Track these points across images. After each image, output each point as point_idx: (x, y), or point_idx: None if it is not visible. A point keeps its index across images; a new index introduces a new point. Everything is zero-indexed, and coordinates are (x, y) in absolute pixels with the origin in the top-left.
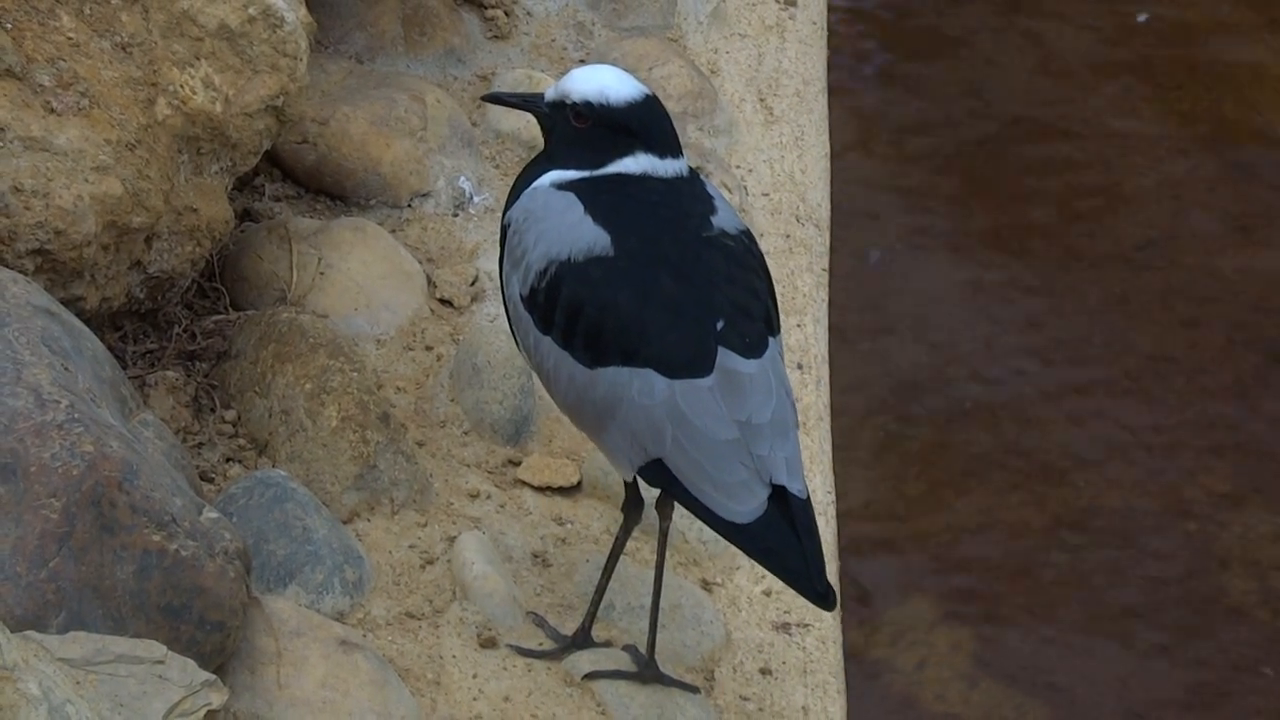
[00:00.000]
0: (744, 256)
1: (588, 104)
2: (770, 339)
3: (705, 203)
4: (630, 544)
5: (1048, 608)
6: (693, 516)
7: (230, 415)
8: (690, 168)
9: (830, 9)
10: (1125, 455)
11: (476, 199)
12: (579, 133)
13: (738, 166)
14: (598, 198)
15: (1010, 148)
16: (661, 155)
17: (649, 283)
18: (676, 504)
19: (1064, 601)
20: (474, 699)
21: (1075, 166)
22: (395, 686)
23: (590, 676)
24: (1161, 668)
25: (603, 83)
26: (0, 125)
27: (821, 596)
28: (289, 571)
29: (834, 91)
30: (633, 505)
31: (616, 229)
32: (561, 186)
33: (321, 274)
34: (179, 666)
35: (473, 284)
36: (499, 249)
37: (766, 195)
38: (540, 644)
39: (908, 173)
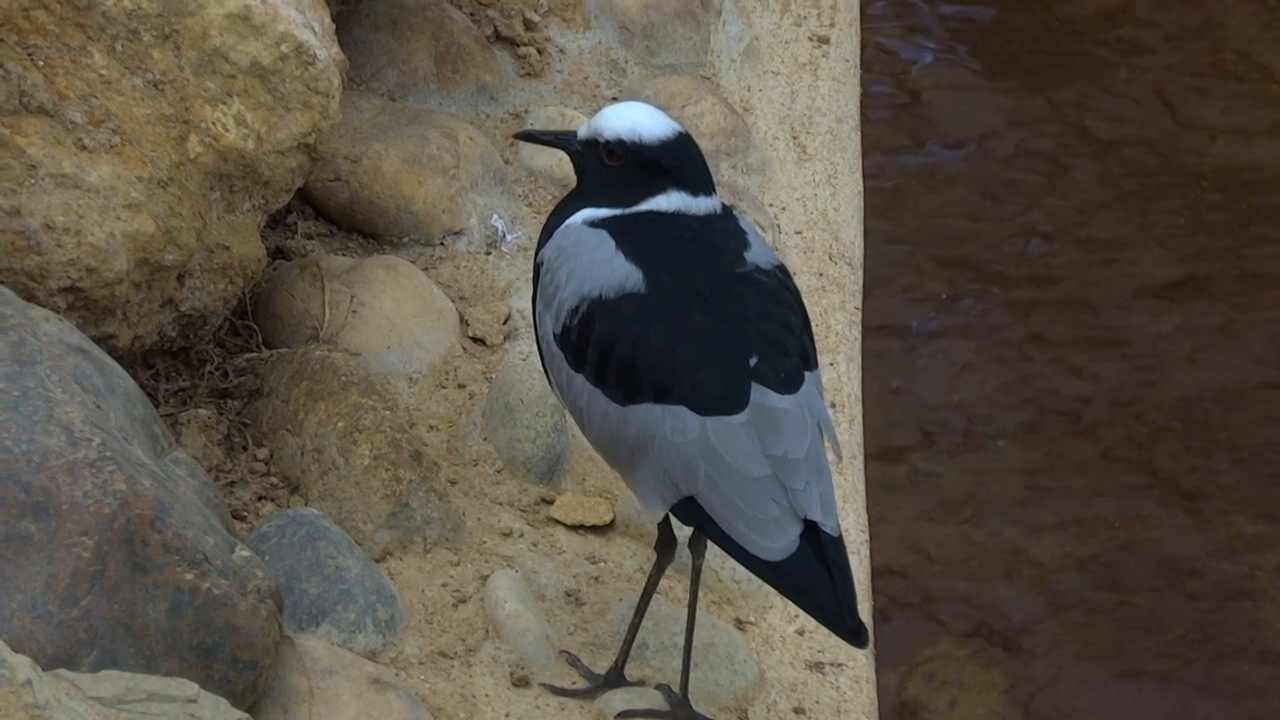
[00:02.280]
0: (778, 292)
1: (620, 141)
2: (806, 374)
3: (738, 239)
4: (663, 582)
5: (1081, 646)
6: (726, 555)
7: (262, 453)
8: (724, 204)
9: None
10: (1159, 493)
11: (509, 237)
12: (611, 170)
13: (771, 204)
14: (630, 235)
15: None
16: (694, 193)
17: (681, 319)
18: (709, 542)
19: (1098, 640)
20: None
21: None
22: None
23: (624, 715)
24: (1201, 708)
25: (635, 120)
26: (32, 162)
27: (853, 633)
28: (321, 610)
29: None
30: (665, 544)
31: (649, 266)
32: (594, 224)
33: (354, 312)
34: (211, 705)
35: (505, 322)
36: (531, 287)
37: (799, 233)
38: (573, 683)
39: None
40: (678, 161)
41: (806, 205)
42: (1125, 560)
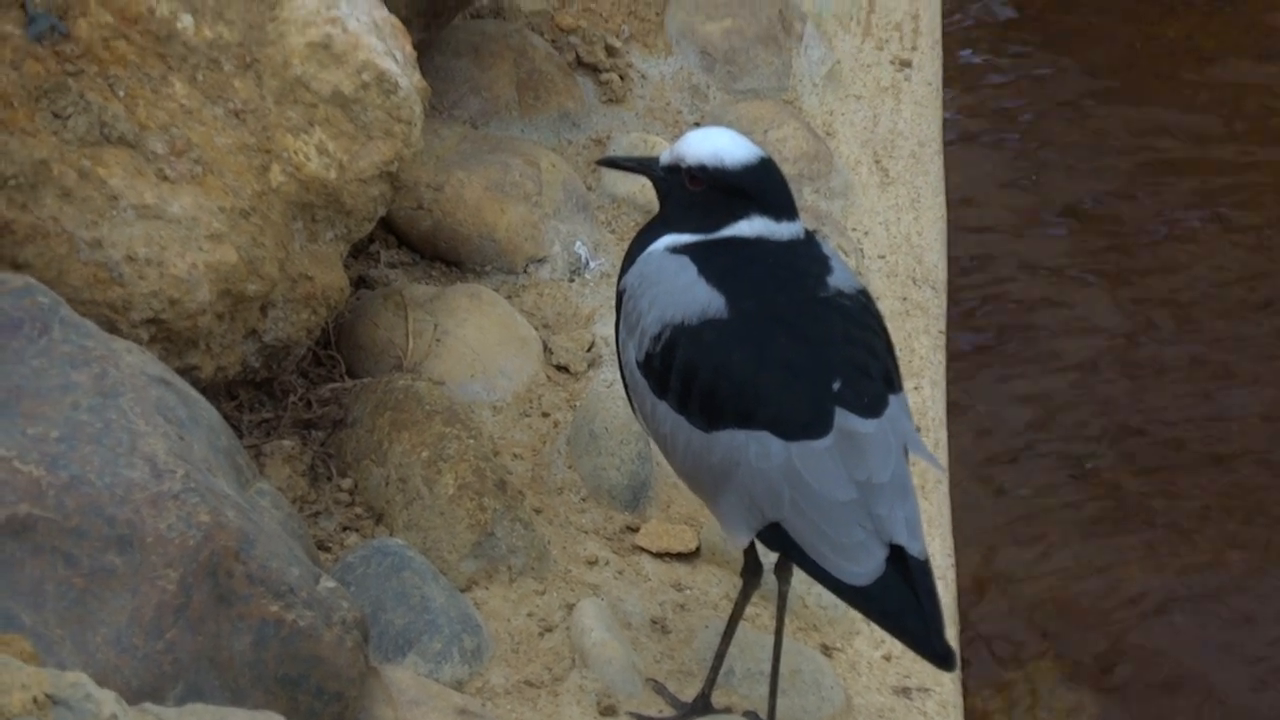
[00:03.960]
0: (861, 315)
1: (703, 167)
2: (891, 397)
3: (821, 263)
4: (749, 609)
5: (1169, 670)
6: (811, 581)
7: (347, 484)
8: (806, 229)
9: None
10: (1250, 515)
11: (592, 264)
12: (694, 196)
13: (854, 229)
14: (712, 260)
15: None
16: (777, 218)
17: (764, 344)
18: (795, 568)
19: (1186, 663)
20: None
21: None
22: None
23: None
24: None
25: (718, 145)
26: (114, 194)
27: (942, 658)
28: (407, 640)
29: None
30: (751, 570)
31: (731, 291)
32: (676, 250)
33: (437, 341)
34: None
35: (589, 350)
36: (615, 314)
37: (883, 258)
38: (660, 711)
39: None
40: (760, 187)
41: (890, 229)
42: (1217, 582)
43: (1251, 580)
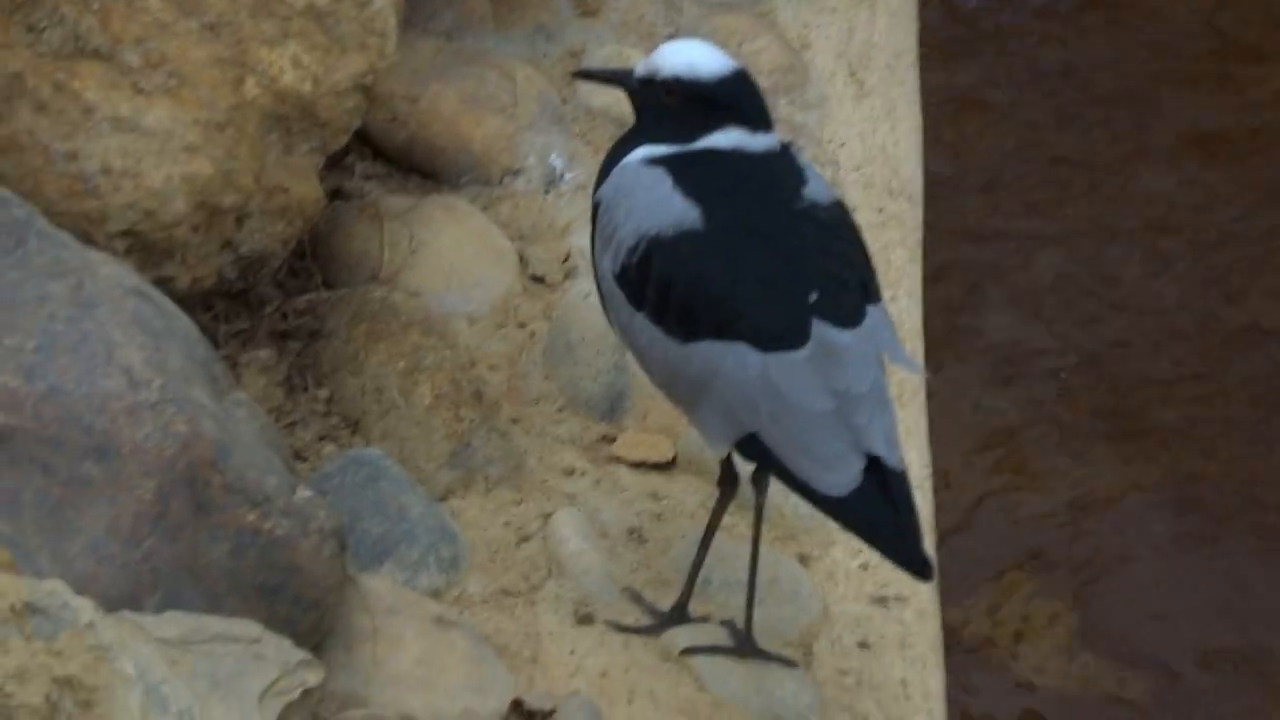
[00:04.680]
0: (837, 227)
1: (678, 79)
2: (868, 307)
3: (797, 175)
4: (726, 519)
5: (1147, 578)
6: (788, 491)
7: (323, 394)
8: (782, 141)
9: None
10: (1226, 426)
11: (568, 176)
12: (669, 108)
13: (829, 141)
14: (688, 173)
15: None
16: (753, 130)
17: (740, 256)
18: (772, 477)
19: (1163, 572)
20: (571, 675)
21: None
22: (491, 663)
23: (688, 652)
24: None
25: (693, 57)
26: (89, 106)
27: (919, 568)
28: (384, 550)
29: None
30: (728, 480)
31: (707, 203)
32: (651, 162)
33: (413, 252)
34: (275, 645)
35: (565, 261)
36: (590, 226)
37: (858, 169)
38: (637, 620)
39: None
40: (736, 98)
41: (865, 141)
42: (1195, 490)
43: (1232, 483)
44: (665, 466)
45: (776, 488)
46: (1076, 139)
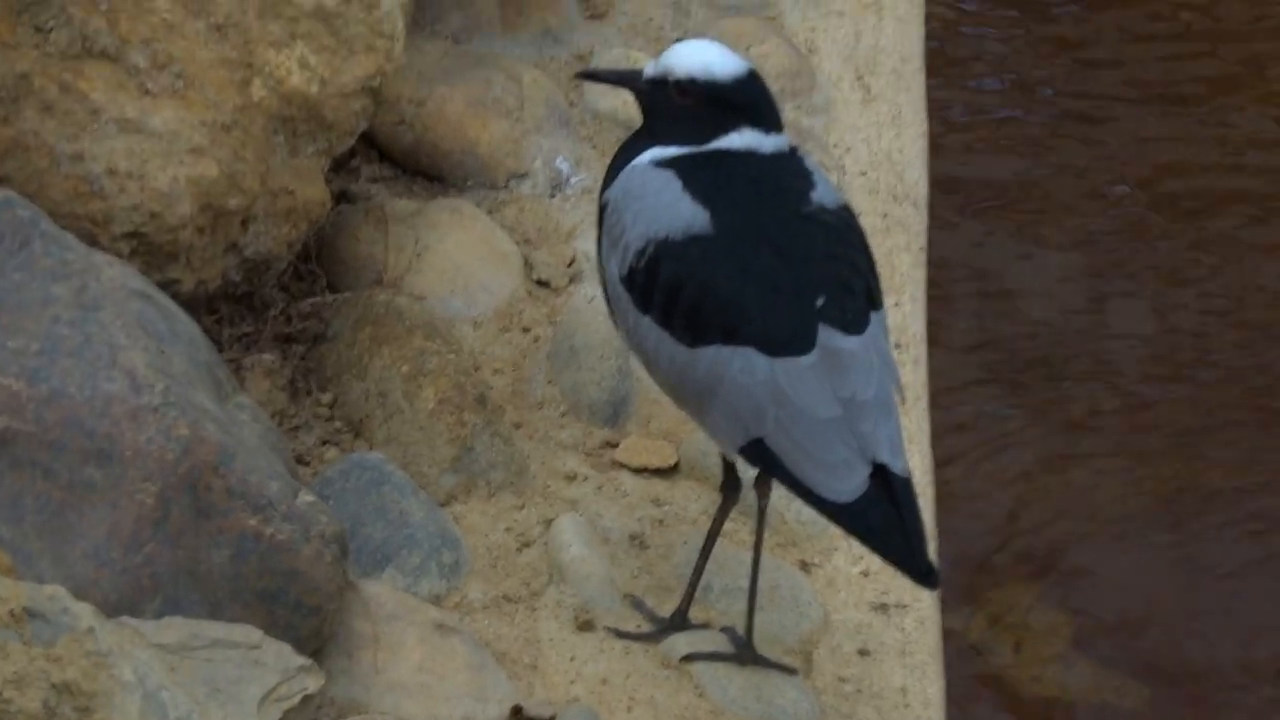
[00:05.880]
0: (844, 232)
1: (693, 80)
2: (872, 314)
3: (804, 178)
4: (728, 525)
5: (1148, 588)
6: (790, 497)
7: (326, 398)
8: (790, 144)
9: None
10: (1229, 432)
11: (574, 179)
12: (681, 109)
13: (835, 145)
14: (696, 175)
15: None
16: (766, 131)
17: (748, 260)
18: (774, 483)
19: (1163, 580)
20: (571, 682)
21: None
22: (492, 670)
23: (688, 658)
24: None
25: (708, 58)
26: (95, 107)
27: (924, 575)
28: (386, 555)
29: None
30: (731, 485)
31: (715, 207)
32: (660, 164)
33: (418, 256)
34: (275, 651)
35: (570, 265)
36: (597, 229)
37: (864, 174)
38: (638, 626)
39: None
40: (750, 98)
41: (871, 146)
42: (1197, 496)
43: (1234, 488)
44: (667, 472)
45: (779, 494)
46: (1081, 144)
